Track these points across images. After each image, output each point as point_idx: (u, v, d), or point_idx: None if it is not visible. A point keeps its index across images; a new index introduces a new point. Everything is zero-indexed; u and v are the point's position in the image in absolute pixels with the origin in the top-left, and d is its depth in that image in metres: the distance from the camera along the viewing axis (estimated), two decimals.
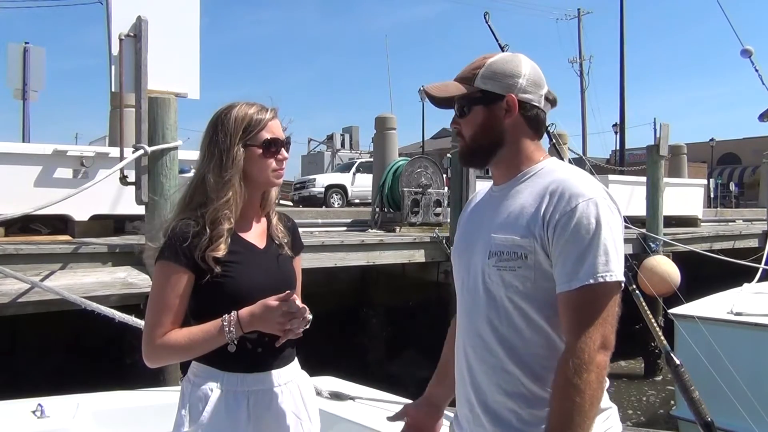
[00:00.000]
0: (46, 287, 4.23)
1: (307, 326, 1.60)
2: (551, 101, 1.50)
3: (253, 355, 1.64)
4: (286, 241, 1.80)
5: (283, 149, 1.71)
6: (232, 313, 1.58)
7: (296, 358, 1.78)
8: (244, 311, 1.58)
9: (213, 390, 1.62)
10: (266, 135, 1.67)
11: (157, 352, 1.60)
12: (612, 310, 1.30)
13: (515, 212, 1.39)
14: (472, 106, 1.45)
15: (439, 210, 8.97)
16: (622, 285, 1.32)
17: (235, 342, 1.58)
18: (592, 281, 1.28)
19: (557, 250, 1.32)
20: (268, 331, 1.59)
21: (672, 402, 5.85)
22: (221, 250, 1.59)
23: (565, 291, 1.31)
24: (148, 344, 1.59)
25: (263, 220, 1.79)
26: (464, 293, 1.48)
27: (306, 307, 1.60)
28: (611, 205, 1.34)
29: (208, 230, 1.60)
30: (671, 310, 5.20)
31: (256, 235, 1.74)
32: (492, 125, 1.44)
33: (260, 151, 1.66)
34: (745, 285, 6.15)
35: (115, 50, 4.77)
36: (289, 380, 1.72)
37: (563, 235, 1.31)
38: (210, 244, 1.59)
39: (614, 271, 1.30)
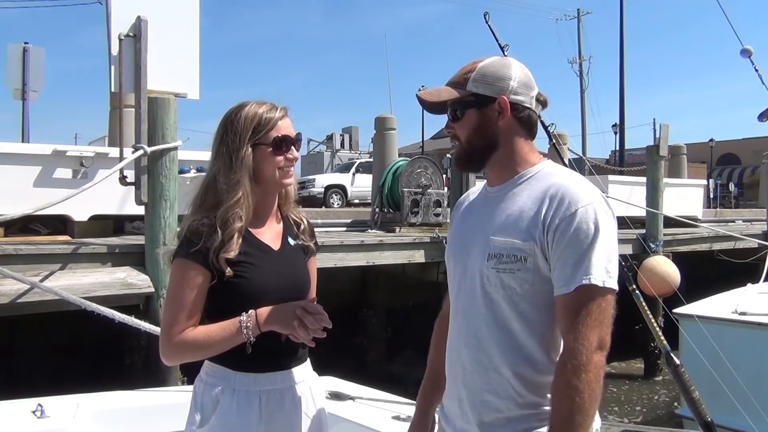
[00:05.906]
0: (46, 288, 4.23)
1: (324, 335, 1.58)
2: (542, 102, 1.52)
3: (266, 355, 1.63)
4: (307, 242, 1.79)
5: (293, 147, 1.69)
6: (250, 312, 1.57)
7: (308, 359, 1.77)
8: (263, 310, 1.58)
9: (225, 390, 1.62)
10: (276, 134, 1.65)
11: (174, 350, 1.60)
12: (607, 312, 1.33)
13: (514, 215, 1.41)
14: (465, 109, 1.46)
15: (438, 210, 8.97)
16: (617, 288, 1.35)
17: (252, 341, 1.57)
18: (586, 282, 1.30)
19: (556, 254, 1.34)
20: (284, 331, 1.58)
21: (676, 403, 5.84)
22: (233, 252, 1.59)
23: (563, 293, 1.33)
24: (166, 342, 1.59)
25: (280, 220, 1.77)
26: (461, 294, 1.49)
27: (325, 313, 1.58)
28: (608, 210, 1.37)
29: (219, 231, 1.59)
30: (675, 310, 5.18)
31: (271, 236, 1.72)
32: (486, 127, 1.45)
33: (270, 150, 1.65)
34: (749, 285, 6.12)
35: (114, 50, 4.77)
36: (301, 380, 1.71)
37: (563, 240, 1.33)
38: (222, 246, 1.58)
39: (610, 275, 1.33)
